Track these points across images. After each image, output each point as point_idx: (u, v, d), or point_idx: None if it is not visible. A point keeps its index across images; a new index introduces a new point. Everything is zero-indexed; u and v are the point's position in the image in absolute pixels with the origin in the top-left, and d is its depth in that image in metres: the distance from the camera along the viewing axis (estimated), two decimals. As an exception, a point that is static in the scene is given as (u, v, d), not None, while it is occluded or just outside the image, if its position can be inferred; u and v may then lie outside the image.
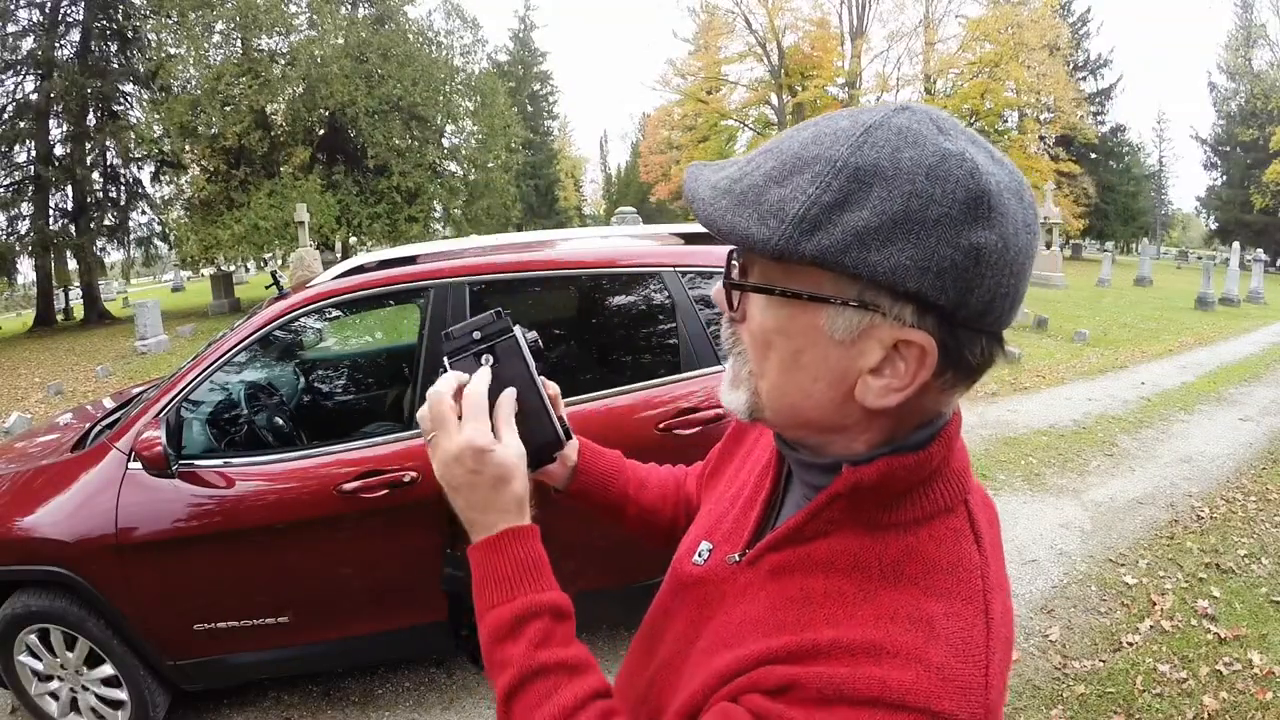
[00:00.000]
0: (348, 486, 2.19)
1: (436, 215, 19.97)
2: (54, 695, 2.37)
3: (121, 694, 2.31)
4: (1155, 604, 3.07)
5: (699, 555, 0.67)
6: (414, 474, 2.21)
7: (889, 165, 0.46)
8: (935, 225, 0.45)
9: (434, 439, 0.63)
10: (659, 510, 0.89)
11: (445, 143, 20.62)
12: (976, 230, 0.46)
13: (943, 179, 0.46)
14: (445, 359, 0.67)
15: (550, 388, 0.73)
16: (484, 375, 0.65)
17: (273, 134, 17.76)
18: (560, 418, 0.72)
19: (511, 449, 0.63)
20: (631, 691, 0.67)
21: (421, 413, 0.65)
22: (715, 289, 0.58)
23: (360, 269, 2.53)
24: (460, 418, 0.63)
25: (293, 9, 17.30)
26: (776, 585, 0.55)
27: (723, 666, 0.53)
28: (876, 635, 0.47)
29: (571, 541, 1.72)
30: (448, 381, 0.64)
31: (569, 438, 0.73)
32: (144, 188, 18.84)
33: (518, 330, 0.69)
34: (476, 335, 0.67)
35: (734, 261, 0.56)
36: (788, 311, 0.51)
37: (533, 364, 0.69)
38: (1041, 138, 28.45)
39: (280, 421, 2.79)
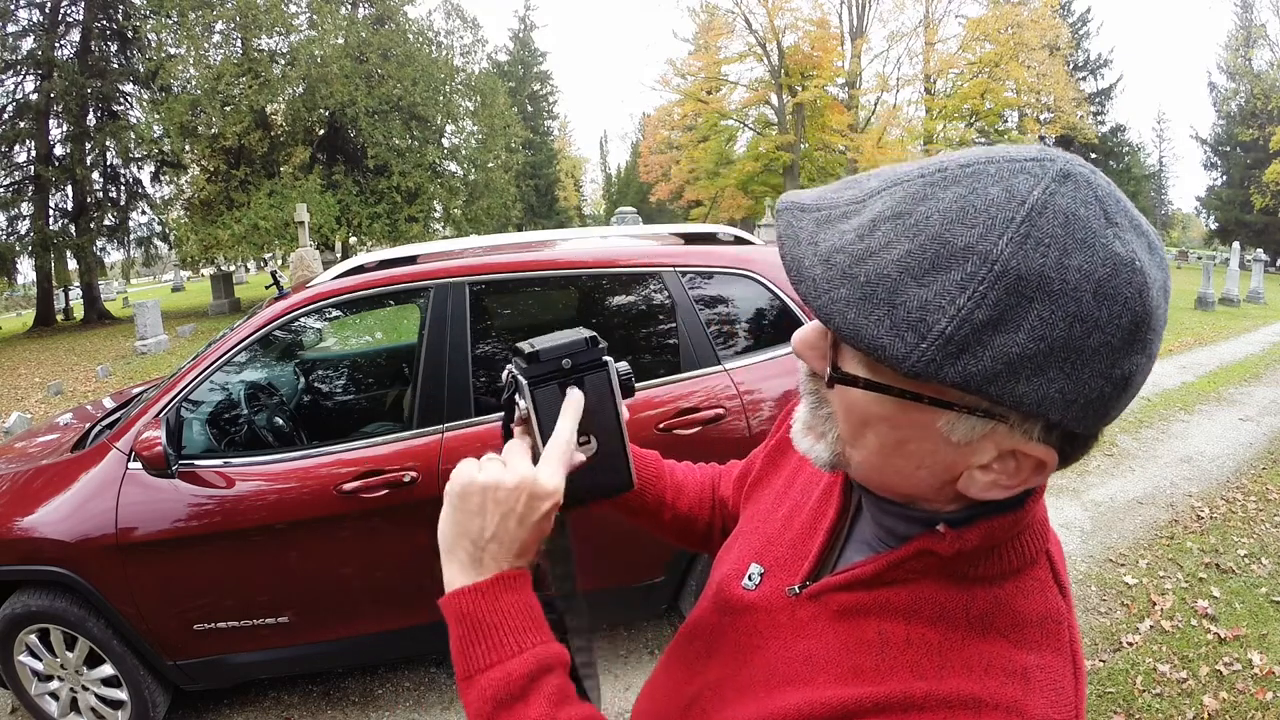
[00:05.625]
0: (347, 486, 2.19)
1: (436, 215, 19.99)
2: (54, 695, 2.37)
3: (121, 694, 2.31)
4: (1155, 604, 3.07)
5: (749, 579, 0.62)
6: (413, 474, 2.21)
7: (1055, 276, 0.39)
8: (1093, 356, 0.40)
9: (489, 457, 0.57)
10: (696, 516, 0.84)
11: (445, 143, 20.66)
12: (1132, 357, 0.40)
13: (1110, 299, 0.39)
14: (526, 381, 0.59)
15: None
16: (576, 404, 0.58)
17: (273, 134, 17.78)
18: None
19: (560, 494, 0.57)
20: (668, 704, 0.64)
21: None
22: (799, 337, 0.50)
23: (360, 269, 2.53)
24: (527, 451, 0.57)
25: (293, 9, 17.33)
26: (847, 626, 0.52)
27: (792, 706, 0.50)
28: (974, 688, 0.46)
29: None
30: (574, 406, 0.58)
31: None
32: (144, 188, 18.88)
33: (610, 362, 0.62)
34: (566, 363, 0.60)
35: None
36: (898, 403, 0.45)
37: (621, 404, 0.62)
38: (1041, 138, 28.45)
39: (280, 421, 2.79)
